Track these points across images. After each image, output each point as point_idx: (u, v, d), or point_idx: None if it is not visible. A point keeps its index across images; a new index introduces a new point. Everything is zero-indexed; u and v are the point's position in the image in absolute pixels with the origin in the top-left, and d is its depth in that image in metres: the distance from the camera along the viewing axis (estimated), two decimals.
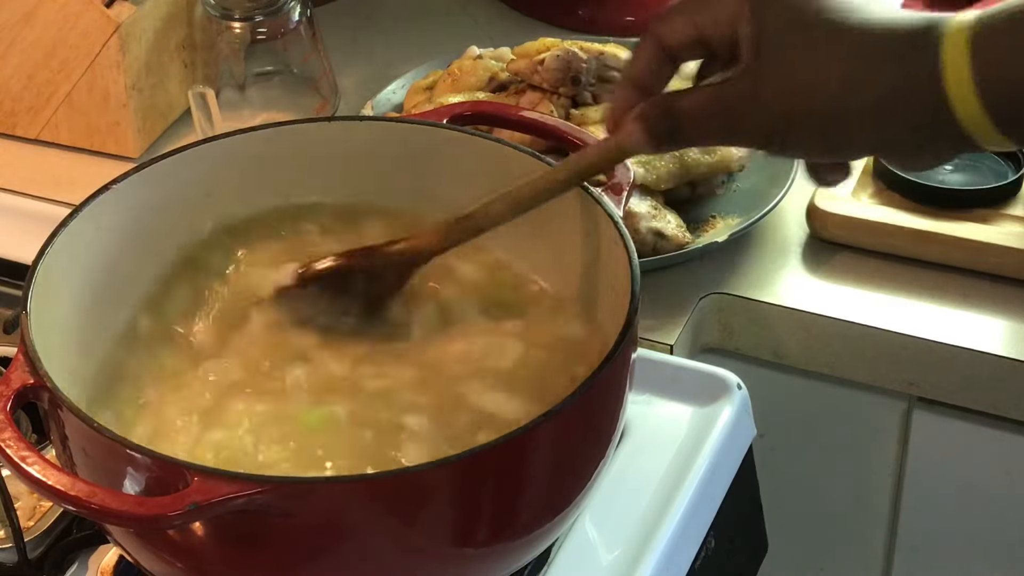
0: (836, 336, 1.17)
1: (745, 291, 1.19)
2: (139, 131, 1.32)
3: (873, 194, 1.24)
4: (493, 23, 1.50)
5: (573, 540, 0.98)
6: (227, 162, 1.02)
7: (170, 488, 0.79)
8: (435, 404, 0.92)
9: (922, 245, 1.20)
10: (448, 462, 0.81)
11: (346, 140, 1.03)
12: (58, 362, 0.88)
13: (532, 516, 0.87)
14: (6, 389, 0.83)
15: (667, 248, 1.17)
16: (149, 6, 1.31)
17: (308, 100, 1.35)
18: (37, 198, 1.29)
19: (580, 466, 0.88)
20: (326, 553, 0.82)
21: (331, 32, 1.43)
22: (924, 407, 1.20)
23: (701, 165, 1.20)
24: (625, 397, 0.90)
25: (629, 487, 1.01)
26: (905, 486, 1.24)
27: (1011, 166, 1.24)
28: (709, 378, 1.09)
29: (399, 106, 1.31)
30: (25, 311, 0.88)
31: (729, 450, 1.06)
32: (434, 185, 1.03)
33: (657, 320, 1.16)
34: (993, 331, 1.15)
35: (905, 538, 1.27)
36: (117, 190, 0.97)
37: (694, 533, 1.02)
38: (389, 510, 0.81)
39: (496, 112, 1.08)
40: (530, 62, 1.23)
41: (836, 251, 1.22)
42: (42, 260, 0.91)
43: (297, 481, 0.83)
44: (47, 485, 0.79)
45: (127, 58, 1.29)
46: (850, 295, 1.19)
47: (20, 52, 1.31)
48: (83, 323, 0.96)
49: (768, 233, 1.24)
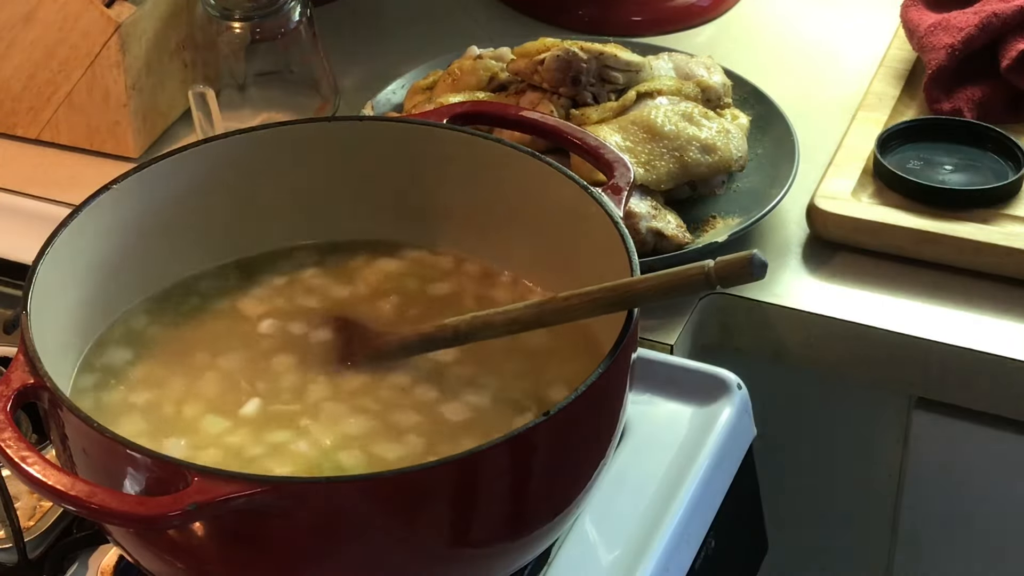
0: (836, 336, 1.17)
1: (745, 291, 1.19)
2: (139, 131, 1.32)
3: (873, 194, 1.24)
4: (493, 23, 1.50)
5: (573, 540, 0.98)
6: (227, 162, 1.02)
7: (170, 488, 0.79)
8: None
9: (922, 245, 1.19)
10: (448, 462, 0.81)
11: (346, 140, 1.03)
12: (58, 362, 0.88)
13: (532, 516, 0.87)
14: (6, 389, 0.83)
15: (667, 248, 1.17)
16: (149, 6, 1.31)
17: (308, 100, 1.35)
18: (37, 198, 1.29)
19: (580, 466, 0.88)
20: (326, 553, 0.82)
21: (331, 32, 1.42)
22: (924, 407, 1.20)
23: (701, 165, 1.20)
24: (625, 397, 0.90)
25: (629, 487, 1.01)
26: (905, 486, 1.24)
27: (1011, 166, 1.24)
28: (709, 378, 1.09)
29: (399, 106, 1.31)
30: (25, 311, 0.88)
31: (729, 450, 1.06)
32: (434, 185, 1.04)
33: (657, 320, 1.15)
34: (993, 331, 1.15)
35: (905, 538, 1.27)
36: (117, 190, 0.97)
37: (694, 533, 1.02)
38: (389, 510, 0.81)
39: (496, 112, 1.08)
40: (530, 62, 1.23)
41: (836, 251, 1.22)
42: (42, 260, 0.91)
43: (297, 481, 0.83)
44: (47, 485, 0.79)
45: (127, 58, 1.29)
46: (850, 295, 1.19)
47: (20, 52, 1.31)
48: (83, 323, 0.96)
49: (768, 233, 1.24)
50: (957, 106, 1.29)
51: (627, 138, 1.19)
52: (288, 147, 1.03)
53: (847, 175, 1.24)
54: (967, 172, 1.25)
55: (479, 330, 0.92)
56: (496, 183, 1.01)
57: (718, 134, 1.21)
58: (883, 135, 1.26)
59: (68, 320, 0.94)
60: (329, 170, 1.04)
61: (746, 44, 1.46)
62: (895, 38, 1.39)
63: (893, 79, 1.34)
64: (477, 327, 0.92)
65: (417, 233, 1.05)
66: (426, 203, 1.04)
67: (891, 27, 1.41)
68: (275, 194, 1.04)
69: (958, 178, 1.24)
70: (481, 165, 1.02)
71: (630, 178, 0.99)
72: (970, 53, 1.29)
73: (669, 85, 1.24)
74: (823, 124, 1.33)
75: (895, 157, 1.25)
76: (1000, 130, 1.26)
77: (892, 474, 1.25)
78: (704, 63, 1.29)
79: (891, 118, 1.30)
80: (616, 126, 1.19)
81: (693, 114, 1.22)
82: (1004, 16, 1.29)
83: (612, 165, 1.00)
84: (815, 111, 1.35)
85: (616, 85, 1.23)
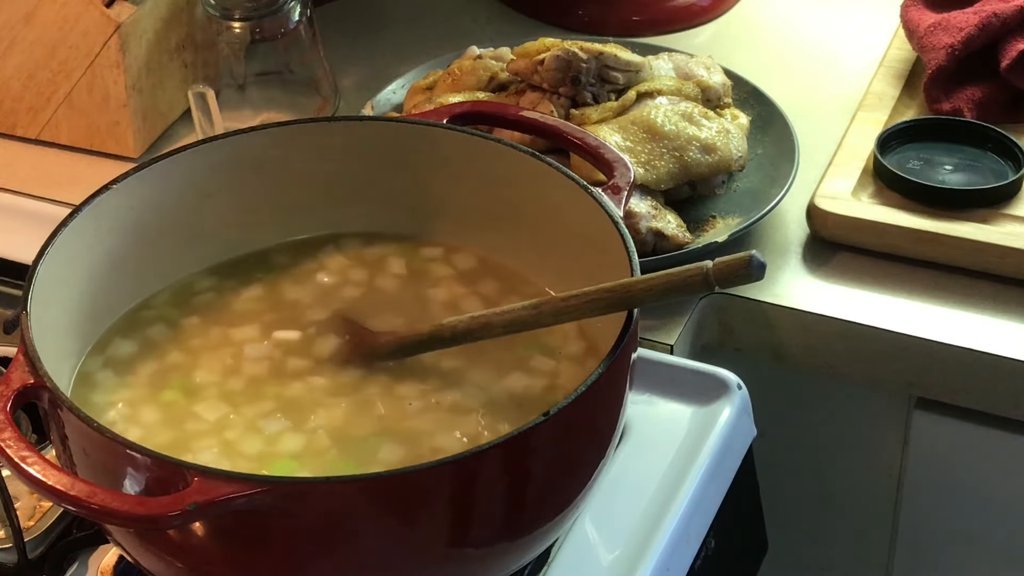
0: (836, 336, 1.17)
1: (745, 291, 1.19)
2: (139, 131, 1.32)
3: (873, 194, 1.24)
4: (493, 23, 1.50)
5: (573, 540, 0.98)
6: (227, 162, 1.02)
7: (170, 488, 0.79)
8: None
9: (922, 245, 1.19)
10: (448, 462, 0.81)
11: (346, 140, 1.03)
12: (58, 362, 0.88)
13: (532, 516, 0.87)
14: (6, 389, 0.83)
15: (667, 248, 1.17)
16: (149, 6, 1.31)
17: (308, 100, 1.35)
18: (37, 198, 1.29)
19: (580, 466, 0.88)
20: (326, 553, 0.82)
21: (331, 32, 1.43)
22: (924, 407, 1.20)
23: (701, 165, 1.20)
24: (625, 397, 0.90)
25: (629, 487, 1.01)
26: (905, 486, 1.24)
27: (1011, 166, 1.24)
28: (709, 378, 1.09)
29: (399, 106, 1.31)
30: (25, 311, 0.88)
31: (729, 450, 1.06)
32: (434, 185, 1.04)
33: (657, 320, 1.15)
34: (993, 331, 1.15)
35: (905, 538, 1.27)
36: (117, 190, 0.97)
37: (694, 533, 1.02)
38: (389, 510, 0.81)
39: (496, 112, 1.08)
40: (530, 62, 1.23)
41: (836, 251, 1.22)
42: (42, 260, 0.91)
43: (297, 481, 0.83)
44: (47, 485, 0.79)
45: (127, 58, 1.29)
46: (850, 295, 1.19)
47: (20, 52, 1.31)
48: (83, 323, 0.96)
49: (768, 233, 1.24)
50: (957, 106, 1.29)
51: (627, 138, 1.19)
52: (288, 147, 1.03)
53: (847, 175, 1.24)
54: (967, 172, 1.25)
55: (477, 331, 0.92)
56: (496, 183, 1.01)
57: (718, 134, 1.21)
58: (883, 135, 1.26)
59: (68, 320, 0.94)
60: (329, 170, 1.04)
61: (746, 44, 1.46)
62: (895, 38, 1.39)
63: (893, 79, 1.34)
64: (475, 328, 0.92)
65: (416, 233, 1.05)
66: (426, 203, 1.04)
67: (891, 27, 1.41)
68: (275, 194, 1.04)
69: (958, 178, 1.24)
70: (481, 165, 1.02)
71: (630, 178, 0.99)
72: (970, 53, 1.30)
73: (669, 85, 1.24)
74: (823, 124, 1.33)
75: (895, 157, 1.25)
76: (1000, 130, 1.26)
77: (892, 474, 1.25)
78: (704, 63, 1.29)
79: (891, 118, 1.30)
80: (616, 126, 1.19)
81: (693, 114, 1.22)
82: (1004, 16, 1.29)
83: (612, 165, 1.00)
84: (815, 111, 1.35)
85: (616, 85, 1.23)
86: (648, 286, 0.87)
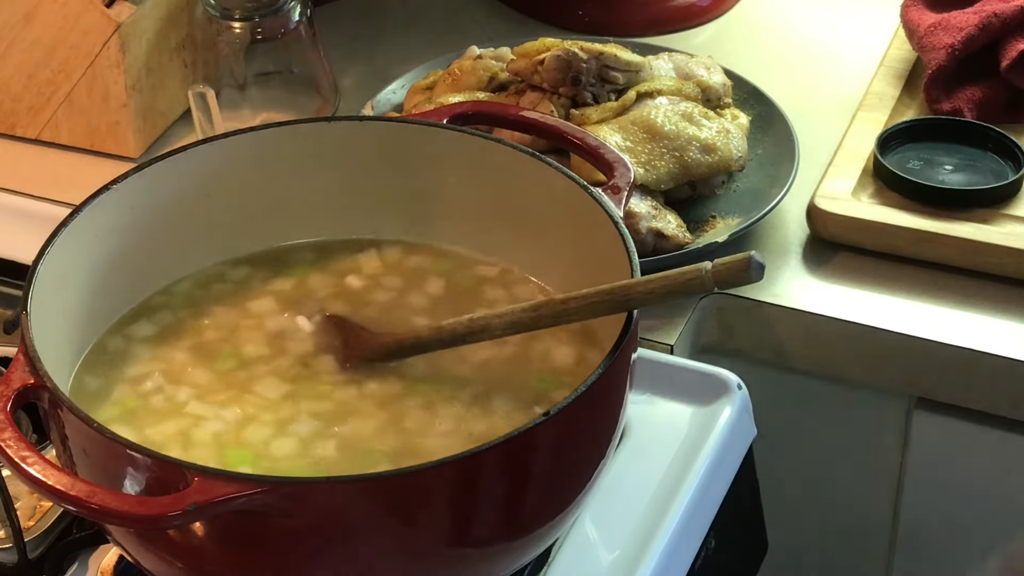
0: (836, 336, 1.17)
1: (745, 291, 1.19)
2: (139, 131, 1.32)
3: (873, 194, 1.24)
4: (493, 23, 1.50)
5: (573, 540, 0.98)
6: (227, 162, 1.02)
7: (170, 488, 0.79)
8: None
9: (922, 245, 1.19)
10: (448, 462, 0.81)
11: (346, 140, 1.03)
12: (58, 362, 0.88)
13: (532, 516, 0.87)
14: (6, 389, 0.83)
15: (667, 248, 1.17)
16: (149, 6, 1.31)
17: (308, 100, 1.35)
18: (37, 198, 1.29)
19: (580, 466, 0.88)
20: (326, 553, 0.82)
21: (331, 32, 1.43)
22: (924, 407, 1.20)
23: (701, 165, 1.20)
24: (625, 397, 0.90)
25: (629, 487, 1.01)
26: (905, 486, 1.24)
27: (1011, 166, 1.24)
28: (709, 378, 1.09)
29: (399, 106, 1.31)
30: (25, 311, 0.88)
31: (729, 450, 1.06)
32: (434, 185, 1.04)
33: (657, 320, 1.15)
34: (993, 331, 1.15)
35: (905, 538, 1.27)
36: (117, 190, 0.97)
37: (694, 533, 1.02)
38: (389, 510, 0.81)
39: (496, 112, 1.08)
40: (530, 62, 1.23)
41: (836, 251, 1.22)
42: (42, 260, 0.91)
43: (297, 481, 0.83)
44: (47, 485, 0.79)
45: (127, 58, 1.29)
46: (850, 295, 1.19)
47: (20, 52, 1.31)
48: (83, 323, 0.96)
49: (768, 233, 1.24)
50: (957, 106, 1.29)
51: (627, 138, 1.19)
52: (288, 147, 1.03)
53: (847, 175, 1.24)
54: (967, 172, 1.25)
55: (476, 332, 0.92)
56: (496, 183, 1.01)
57: (718, 134, 1.21)
58: (883, 135, 1.26)
59: (68, 320, 0.94)
60: (329, 170, 1.04)
61: (746, 44, 1.46)
62: (895, 38, 1.39)
63: (893, 79, 1.34)
64: (474, 329, 0.92)
65: (416, 233, 1.05)
66: (425, 203, 1.04)
67: (891, 27, 1.41)
68: (275, 194, 1.04)
69: (958, 178, 1.24)
70: (481, 165, 1.01)
71: (630, 178, 0.99)
72: (970, 53, 1.29)
73: (669, 85, 1.24)
74: (823, 124, 1.33)
75: (895, 157, 1.25)
76: (1000, 130, 1.26)
77: (892, 474, 1.25)
78: (704, 63, 1.29)
79: (891, 118, 1.30)
80: (616, 126, 1.19)
81: (693, 114, 1.22)
82: (1004, 16, 1.29)
83: (612, 165, 1.00)
84: (815, 111, 1.35)
85: (616, 85, 1.23)
86: (648, 288, 0.87)
